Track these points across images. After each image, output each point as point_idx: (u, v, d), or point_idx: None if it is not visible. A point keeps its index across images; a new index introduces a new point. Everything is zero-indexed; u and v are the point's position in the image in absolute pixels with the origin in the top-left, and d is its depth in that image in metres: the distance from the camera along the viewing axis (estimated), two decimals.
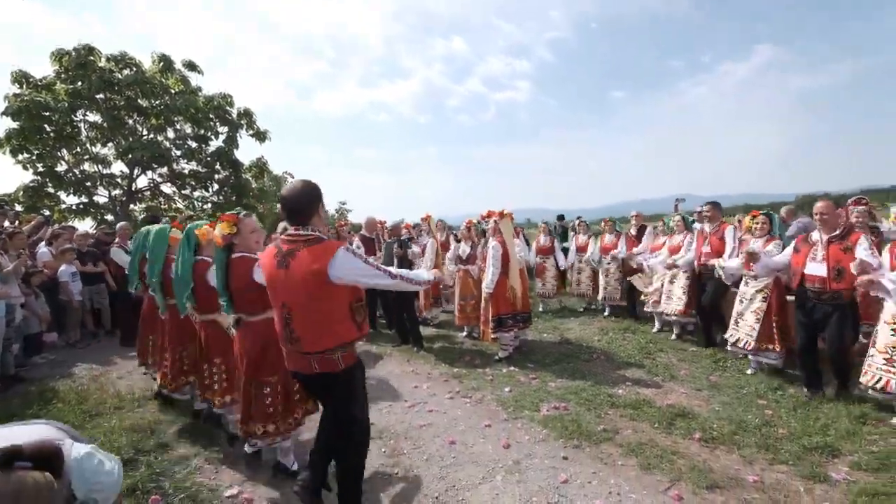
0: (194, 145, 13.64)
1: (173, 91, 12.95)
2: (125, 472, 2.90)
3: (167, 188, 14.32)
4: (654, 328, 6.21)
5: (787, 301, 4.38)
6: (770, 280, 4.39)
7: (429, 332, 6.62)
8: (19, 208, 10.60)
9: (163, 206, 14.09)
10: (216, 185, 14.41)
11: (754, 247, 4.43)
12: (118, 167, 13.17)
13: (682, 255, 5.60)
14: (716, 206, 5.48)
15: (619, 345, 5.67)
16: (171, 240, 3.73)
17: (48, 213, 11.01)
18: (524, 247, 7.15)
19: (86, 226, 11.34)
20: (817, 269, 3.75)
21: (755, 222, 4.60)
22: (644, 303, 6.33)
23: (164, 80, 12.76)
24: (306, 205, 2.12)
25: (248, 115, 14.18)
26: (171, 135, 13.49)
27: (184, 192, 14.41)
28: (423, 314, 7.01)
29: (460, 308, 6.08)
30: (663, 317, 5.98)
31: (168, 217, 11.76)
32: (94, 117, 12.27)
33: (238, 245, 2.79)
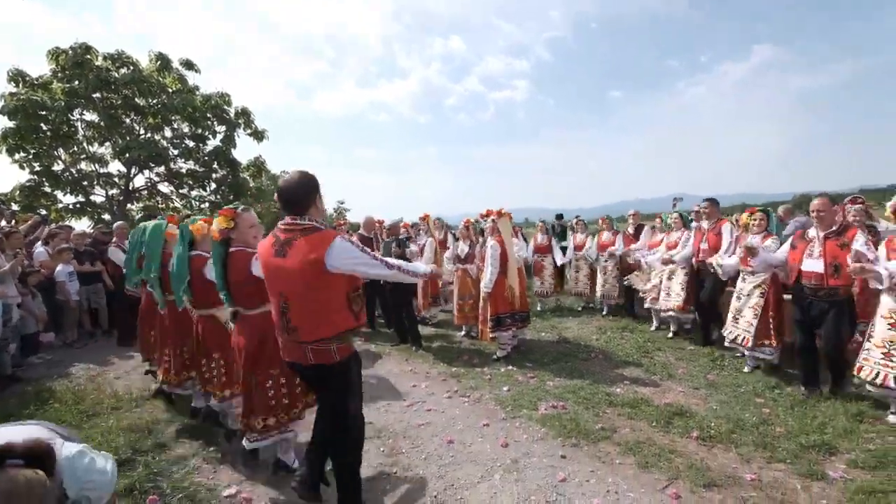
0: (192, 144, 13.63)
1: (170, 90, 12.92)
2: (122, 472, 2.89)
3: (164, 187, 14.32)
4: (651, 327, 6.23)
5: (783, 297, 4.40)
6: (767, 276, 4.40)
7: (427, 331, 6.62)
8: (16, 208, 10.58)
9: (160, 206, 14.07)
10: (214, 185, 14.41)
11: (753, 241, 4.42)
12: (115, 166, 13.18)
13: (679, 251, 5.61)
14: (713, 203, 5.48)
15: (617, 344, 5.68)
16: (168, 235, 3.73)
17: (45, 212, 10.97)
18: (523, 245, 7.16)
19: (83, 225, 11.32)
20: (814, 266, 3.76)
21: (752, 219, 4.61)
22: (642, 301, 6.34)
23: (162, 79, 12.74)
24: (303, 195, 2.12)
25: (245, 115, 14.17)
26: (168, 134, 13.47)
27: (181, 191, 14.39)
28: (422, 313, 7.01)
29: (459, 307, 6.08)
30: (661, 314, 5.99)
31: (164, 215, 11.74)
32: (90, 116, 12.25)
33: (236, 240, 2.79)
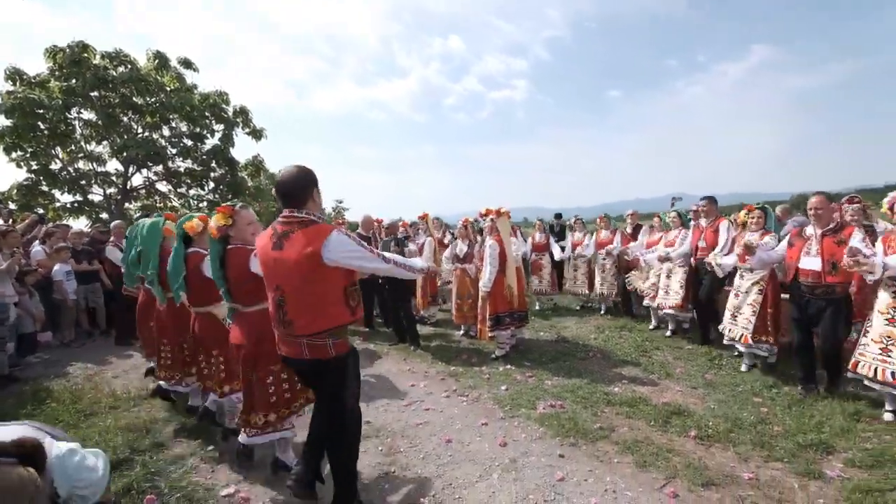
0: (190, 143, 13.61)
1: (168, 89, 12.89)
2: (120, 472, 2.89)
3: (162, 186, 14.30)
4: (650, 326, 6.24)
5: (781, 295, 4.41)
6: (766, 272, 4.40)
7: (426, 330, 6.63)
8: (13, 206, 10.55)
9: (158, 205, 14.05)
10: (212, 184, 14.38)
11: (751, 238, 4.43)
12: (113, 165, 13.17)
13: (676, 248, 5.61)
14: (712, 201, 5.49)
15: (615, 343, 5.68)
16: (167, 232, 3.72)
17: (42, 211, 10.95)
18: (521, 243, 7.18)
19: (80, 224, 11.30)
20: (812, 263, 3.77)
21: (750, 217, 4.61)
22: (641, 300, 6.34)
23: (160, 78, 12.70)
24: (301, 189, 2.12)
25: (244, 113, 14.14)
26: (166, 133, 13.45)
27: (179, 190, 14.37)
28: (421, 312, 7.01)
29: (457, 307, 6.08)
30: (660, 312, 6.00)
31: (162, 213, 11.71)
32: (88, 115, 12.22)
33: (234, 237, 2.77)
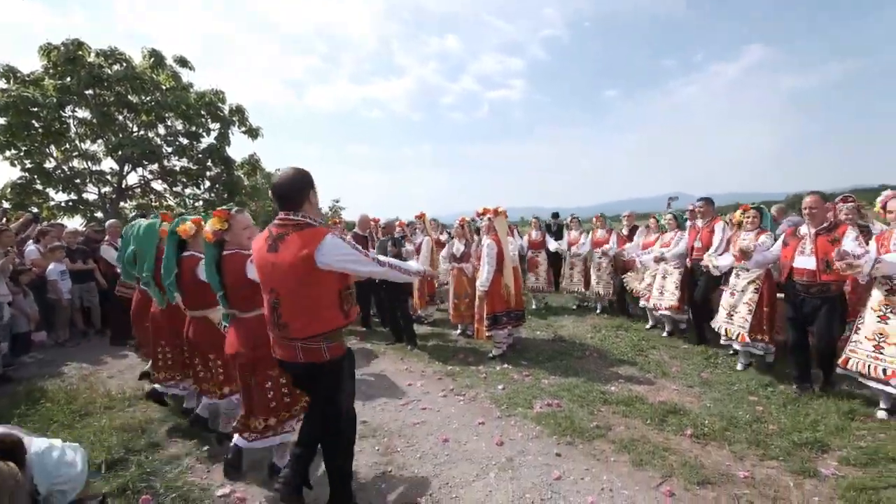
0: (185, 142, 13.54)
1: (164, 87, 12.82)
2: (115, 472, 2.88)
3: (158, 185, 14.22)
4: (646, 325, 6.26)
5: (776, 293, 4.43)
6: (761, 271, 4.42)
7: (423, 330, 6.63)
8: (7, 205, 10.48)
9: (154, 204, 13.98)
10: (208, 183, 14.32)
11: (746, 238, 4.45)
12: (108, 164, 13.08)
13: (672, 248, 5.64)
14: (708, 202, 5.54)
15: (611, 342, 5.70)
16: (163, 233, 3.69)
17: (36, 210, 10.86)
18: (518, 243, 7.22)
19: (75, 223, 11.24)
20: (806, 262, 3.79)
21: (746, 216, 4.63)
22: (637, 300, 6.37)
23: (155, 76, 12.63)
24: (297, 191, 2.12)
25: (240, 112, 14.08)
26: (161, 131, 13.38)
27: (175, 189, 14.30)
28: (418, 312, 7.01)
29: (454, 306, 6.08)
30: (656, 313, 6.02)
31: (158, 215, 11.65)
32: (83, 113, 12.15)
33: (230, 242, 2.75)
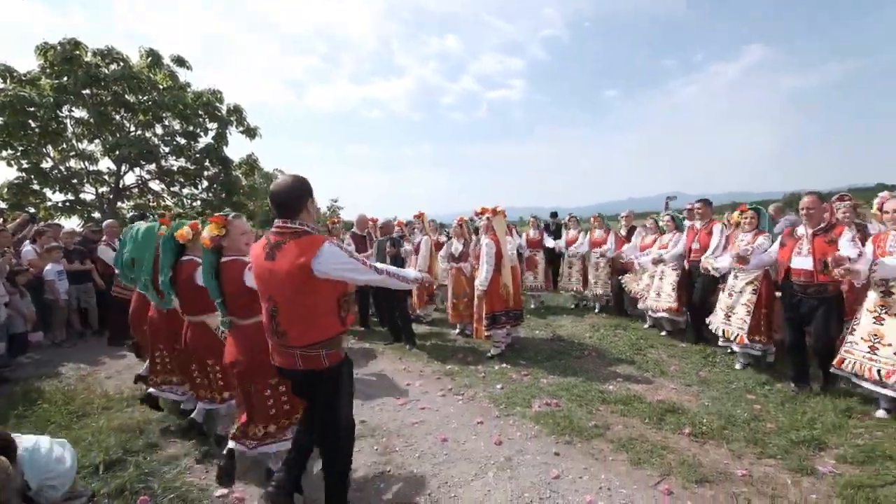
0: (183, 142, 13.50)
1: (161, 87, 12.78)
2: (113, 473, 2.87)
3: (155, 185, 14.17)
4: (645, 325, 6.27)
5: (775, 294, 4.44)
6: (759, 272, 4.43)
7: (421, 329, 6.62)
8: (3, 206, 10.45)
9: (151, 204, 13.93)
10: (205, 182, 14.28)
11: (742, 241, 4.47)
12: (105, 164, 13.02)
13: (669, 250, 5.66)
14: (707, 204, 5.56)
15: (610, 341, 5.71)
16: (161, 236, 3.68)
17: (33, 210, 10.82)
18: (517, 242, 7.25)
19: (72, 223, 11.20)
20: (803, 263, 3.80)
21: (743, 217, 4.64)
22: (635, 301, 6.38)
23: (152, 76, 12.59)
24: (294, 199, 2.11)
25: (237, 112, 14.04)
26: (159, 131, 13.32)
27: (172, 189, 14.26)
28: (417, 312, 7.01)
29: (453, 306, 6.08)
30: (650, 314, 6.03)
31: (156, 215, 11.62)
32: (80, 113, 12.09)
33: (228, 248, 2.71)
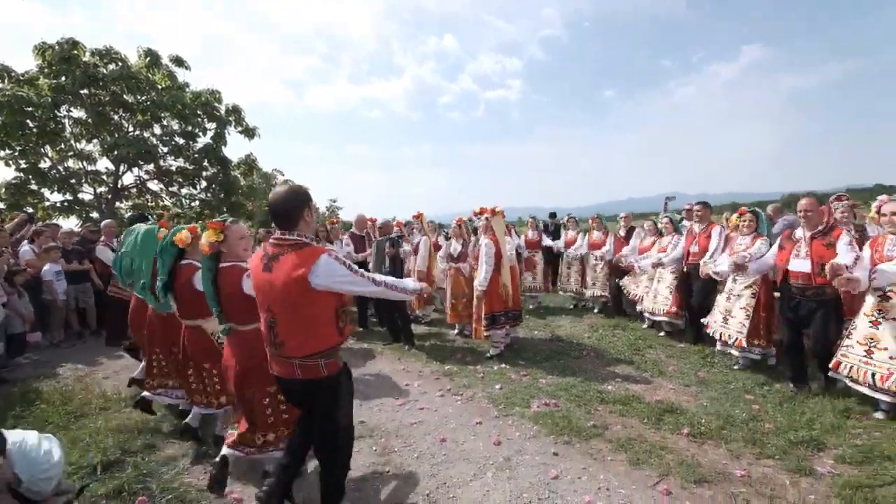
0: (181, 142, 13.47)
1: (160, 87, 12.76)
2: (111, 474, 2.87)
3: (154, 185, 14.15)
4: (643, 325, 6.27)
5: (774, 297, 4.44)
6: (758, 276, 4.44)
7: (420, 329, 6.62)
8: (1, 206, 10.42)
9: (150, 204, 13.91)
10: (204, 183, 14.26)
11: (741, 245, 4.49)
12: (103, 164, 13.00)
13: (669, 254, 5.67)
14: (706, 206, 5.56)
15: (608, 341, 5.71)
16: (160, 240, 3.66)
17: (31, 210, 10.80)
18: (516, 242, 7.27)
19: (70, 224, 11.17)
20: (801, 266, 3.80)
21: (742, 220, 4.65)
22: (633, 302, 6.40)
23: (151, 76, 12.57)
24: (291, 210, 2.12)
25: (236, 112, 14.02)
26: (157, 131, 13.30)
27: (171, 189, 14.23)
28: (416, 312, 7.00)
29: (452, 306, 6.08)
30: (646, 315, 6.04)
31: (155, 215, 11.61)
32: (78, 113, 12.06)
33: (226, 253, 2.70)
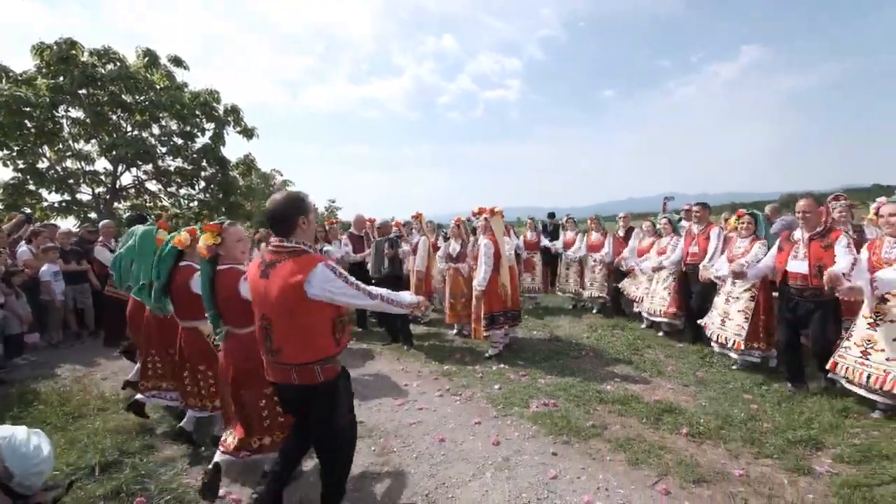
0: (180, 142, 13.43)
1: (158, 87, 12.73)
2: (109, 475, 2.87)
3: (152, 185, 14.09)
4: (642, 325, 6.28)
5: (773, 300, 4.43)
6: (757, 280, 4.44)
7: (419, 330, 6.62)
8: None
9: (148, 204, 13.86)
10: (203, 183, 14.21)
11: (739, 247, 4.51)
12: (102, 164, 12.94)
13: (668, 255, 5.69)
14: (705, 207, 5.58)
15: (607, 341, 5.72)
16: (158, 241, 3.65)
17: (29, 211, 10.77)
18: (515, 243, 7.28)
19: (68, 224, 11.13)
20: (799, 267, 3.81)
21: (740, 222, 4.65)
22: (632, 303, 6.41)
23: (149, 76, 12.54)
24: (287, 216, 2.12)
25: (235, 112, 13.99)
26: (156, 131, 13.25)
27: (169, 189, 14.18)
28: (414, 312, 6.99)
29: (451, 306, 6.08)
30: (645, 315, 6.04)
31: (153, 216, 11.58)
32: (76, 113, 12.01)
33: (224, 256, 2.70)
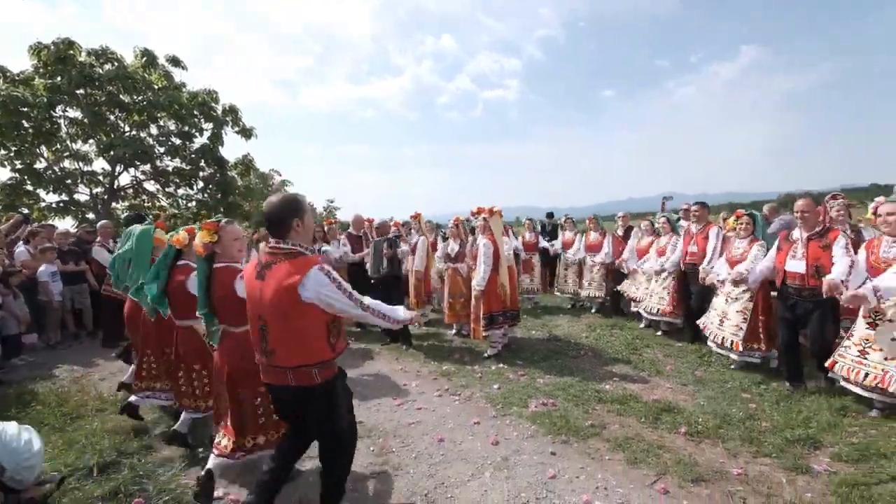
0: (178, 142, 13.39)
1: (156, 87, 12.70)
2: (107, 475, 2.86)
3: (150, 186, 14.06)
4: (640, 324, 6.28)
5: (772, 300, 4.42)
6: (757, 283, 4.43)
7: (418, 330, 6.61)
8: None
9: (146, 204, 13.83)
10: (201, 183, 14.18)
11: (738, 248, 4.53)
12: (99, 164, 12.90)
13: (668, 256, 5.71)
14: (703, 207, 5.59)
15: (606, 341, 5.72)
16: (156, 241, 3.64)
17: (27, 211, 10.73)
18: (514, 243, 7.28)
19: (66, 224, 11.10)
20: (797, 267, 3.82)
21: (739, 223, 4.66)
22: (630, 303, 6.42)
23: (147, 76, 12.51)
24: (284, 218, 2.12)
25: (233, 112, 13.96)
26: (154, 131, 13.22)
27: (167, 189, 14.15)
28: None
29: (449, 306, 6.08)
30: (644, 314, 6.05)
31: (151, 216, 11.56)
32: (74, 113, 11.97)
33: (220, 254, 2.70)
